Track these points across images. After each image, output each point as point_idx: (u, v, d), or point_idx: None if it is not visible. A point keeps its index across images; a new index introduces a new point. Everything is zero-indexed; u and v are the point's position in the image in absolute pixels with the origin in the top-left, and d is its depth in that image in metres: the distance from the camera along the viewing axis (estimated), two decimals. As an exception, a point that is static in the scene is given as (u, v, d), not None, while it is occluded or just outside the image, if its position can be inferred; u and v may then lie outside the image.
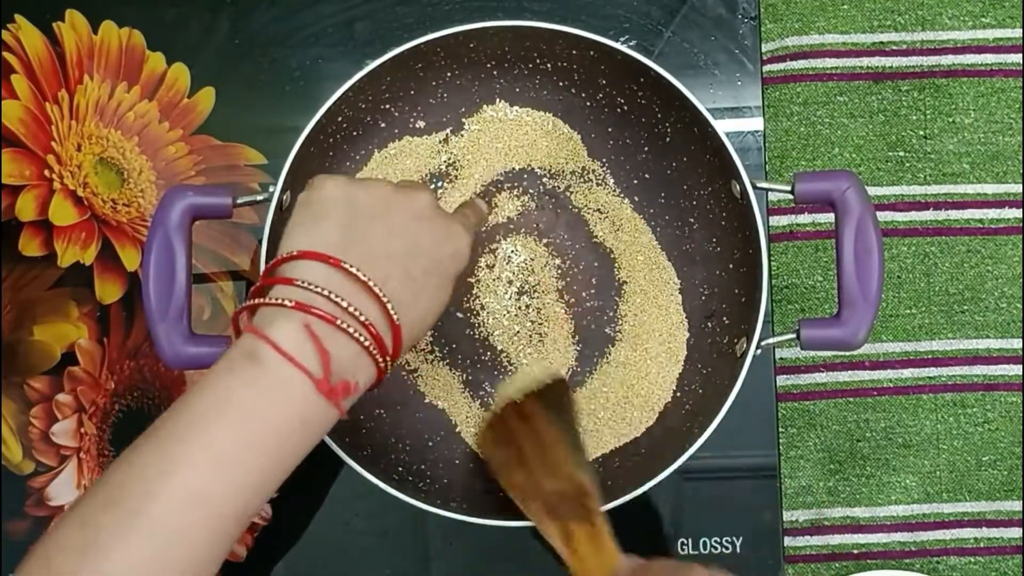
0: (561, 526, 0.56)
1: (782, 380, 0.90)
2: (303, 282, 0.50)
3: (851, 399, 0.93)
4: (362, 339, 0.49)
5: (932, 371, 0.94)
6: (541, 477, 0.59)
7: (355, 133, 0.71)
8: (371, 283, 0.50)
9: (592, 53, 0.68)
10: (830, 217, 0.72)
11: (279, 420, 0.48)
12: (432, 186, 0.73)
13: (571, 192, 0.73)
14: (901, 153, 0.95)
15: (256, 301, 0.50)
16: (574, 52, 0.69)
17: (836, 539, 0.92)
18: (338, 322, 0.49)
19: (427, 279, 0.53)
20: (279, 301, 0.49)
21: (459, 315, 0.72)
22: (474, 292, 0.72)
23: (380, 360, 0.51)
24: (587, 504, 0.57)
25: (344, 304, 0.49)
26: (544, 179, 0.73)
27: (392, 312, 0.51)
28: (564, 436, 0.61)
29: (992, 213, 0.96)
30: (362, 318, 0.50)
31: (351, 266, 0.50)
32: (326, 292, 0.49)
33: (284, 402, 0.48)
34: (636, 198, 0.73)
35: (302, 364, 0.48)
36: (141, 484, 0.45)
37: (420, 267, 0.53)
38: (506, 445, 0.62)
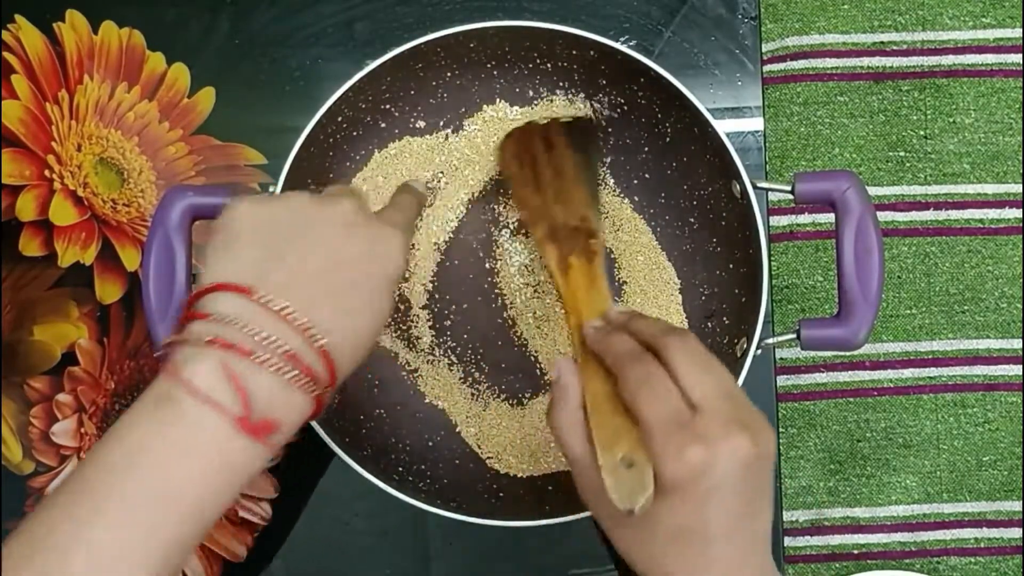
0: (560, 254, 0.56)
1: (782, 380, 0.89)
2: (218, 316, 0.46)
3: (851, 399, 0.93)
4: (286, 371, 0.46)
5: (932, 371, 0.94)
6: (552, 203, 0.59)
7: (355, 133, 0.71)
8: (287, 311, 0.47)
9: (592, 53, 0.68)
10: (830, 217, 0.72)
11: (199, 466, 0.45)
12: (432, 186, 0.73)
13: (571, 192, 0.73)
14: (901, 153, 0.95)
15: (173, 338, 0.47)
16: (574, 52, 0.69)
17: (836, 539, 0.92)
18: (256, 357, 0.46)
19: (356, 292, 0.50)
20: (193, 339, 0.46)
21: (459, 315, 0.72)
22: (475, 293, 0.72)
23: (313, 389, 0.47)
24: (590, 243, 0.57)
25: (262, 336, 0.46)
26: (544, 179, 0.73)
27: (316, 338, 0.47)
28: (582, 173, 0.60)
29: (992, 213, 0.96)
30: (284, 348, 0.46)
31: (263, 296, 0.47)
32: (241, 325, 0.46)
33: (203, 446, 0.45)
34: (636, 198, 0.73)
35: (219, 403, 0.45)
36: (57, 539, 0.43)
37: (346, 281, 0.49)
38: (524, 163, 0.61)
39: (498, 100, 0.73)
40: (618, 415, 0.49)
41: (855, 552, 0.92)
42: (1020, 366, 0.95)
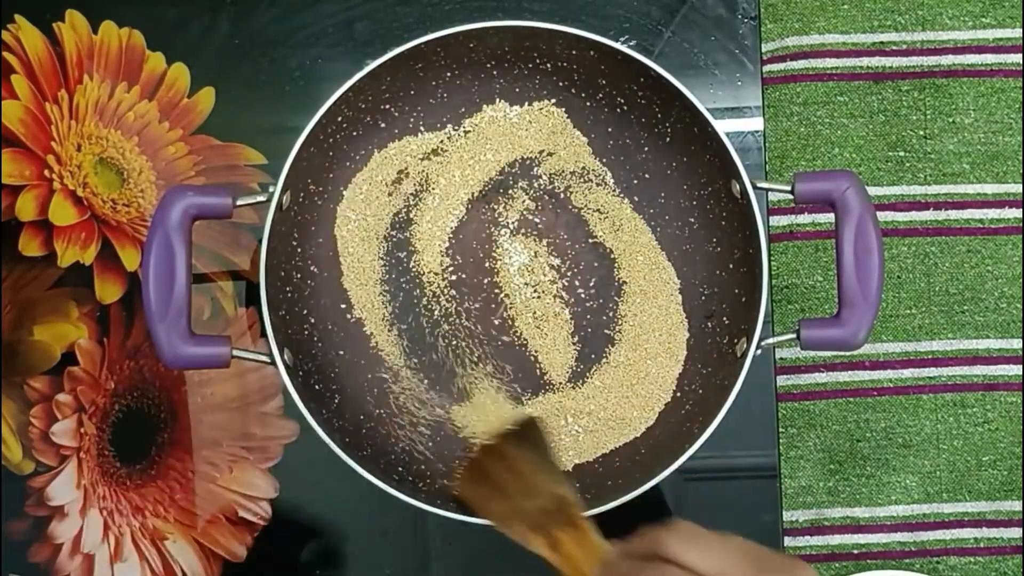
0: (546, 537, 0.57)
1: (782, 380, 0.90)
2: None
3: (851, 399, 0.93)
4: None
5: (932, 371, 0.94)
6: (521, 501, 0.59)
7: (355, 133, 0.71)
8: None
9: (592, 53, 0.68)
10: (830, 217, 0.72)
11: None
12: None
13: (571, 192, 0.73)
14: (901, 153, 0.95)
15: None
16: (574, 52, 0.69)
17: (836, 539, 0.92)
18: None
19: None
20: None
21: (459, 315, 0.72)
22: (475, 294, 0.72)
23: None
24: (570, 511, 0.57)
25: None
26: (544, 179, 0.73)
27: None
28: (540, 463, 0.61)
29: (992, 213, 0.96)
30: None
31: None
32: None
33: None
34: (636, 198, 0.73)
35: None
36: None
37: None
38: (483, 482, 0.62)
39: (498, 100, 0.73)
40: None
41: (855, 552, 0.92)
42: (1020, 366, 0.95)
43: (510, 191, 0.73)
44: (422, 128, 0.73)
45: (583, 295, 0.73)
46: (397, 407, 0.71)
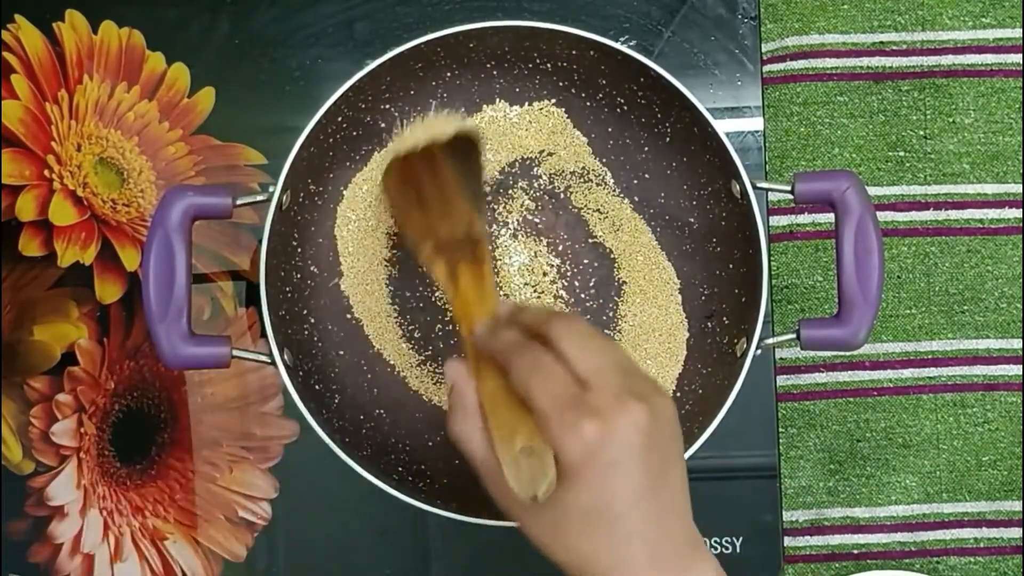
0: (448, 266, 0.57)
1: (782, 380, 0.89)
2: None
3: (851, 399, 0.93)
4: None
5: (932, 371, 0.94)
6: (437, 219, 0.59)
7: (355, 133, 0.71)
8: None
9: (592, 53, 0.68)
10: (830, 217, 0.72)
11: None
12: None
13: (571, 192, 0.73)
14: (901, 153, 0.95)
15: None
16: (574, 52, 0.69)
17: (836, 539, 0.92)
18: None
19: None
20: None
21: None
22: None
23: None
24: (477, 249, 0.57)
25: None
26: (544, 179, 0.73)
27: None
28: (465, 183, 0.61)
29: (992, 213, 0.96)
30: None
31: None
32: None
33: None
34: (636, 198, 0.73)
35: None
36: None
37: None
38: (407, 185, 0.61)
39: (498, 100, 0.73)
40: (515, 409, 0.49)
41: (855, 552, 0.92)
42: (1020, 366, 0.95)
43: (510, 191, 0.73)
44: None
45: (583, 295, 0.73)
46: (397, 407, 0.71)
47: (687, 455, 0.64)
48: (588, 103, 0.72)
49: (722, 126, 0.66)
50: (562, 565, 0.48)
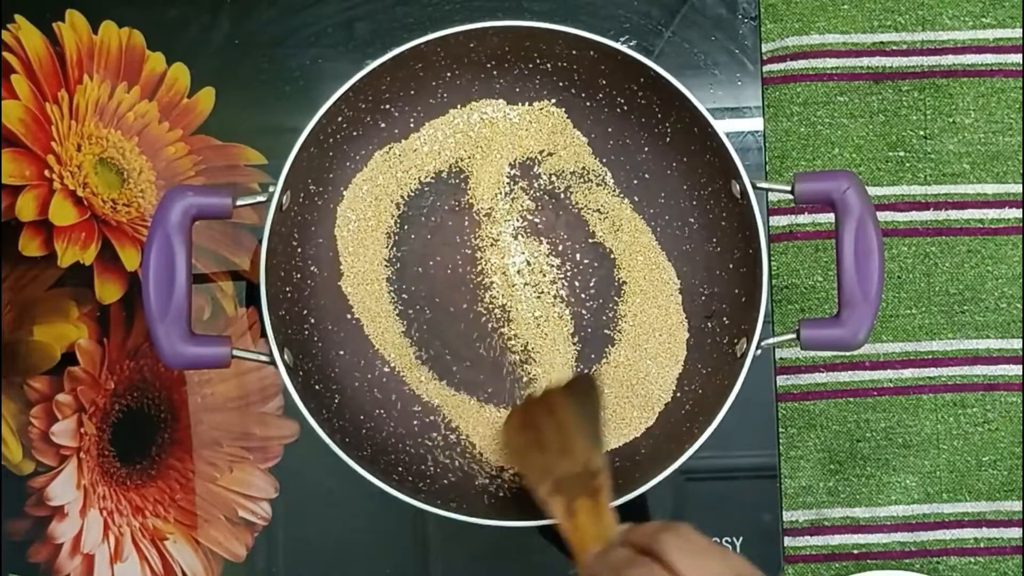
0: (566, 502, 0.57)
1: (782, 380, 0.89)
2: None
3: (851, 399, 0.93)
4: None
5: (932, 371, 0.94)
6: (555, 458, 0.59)
7: (355, 133, 0.71)
8: None
9: (592, 53, 0.68)
10: (830, 217, 0.72)
11: None
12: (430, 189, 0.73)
13: (571, 192, 0.73)
14: (901, 153, 0.95)
15: None
16: (574, 52, 0.69)
17: (836, 539, 0.92)
18: None
19: None
20: None
21: (458, 316, 0.72)
22: (475, 294, 0.72)
23: None
24: (595, 482, 0.58)
25: None
26: (544, 179, 0.73)
27: None
28: (584, 422, 0.61)
29: (992, 213, 0.96)
30: None
31: None
32: None
33: None
34: (636, 198, 0.73)
35: None
36: None
37: None
38: (527, 430, 0.62)
39: (498, 100, 0.73)
40: None
41: (855, 552, 0.92)
42: (1020, 366, 0.95)
43: (510, 191, 0.73)
44: (422, 128, 0.73)
45: (583, 295, 0.73)
46: (397, 407, 0.71)
47: (687, 455, 0.64)
48: (588, 103, 0.72)
49: (722, 126, 0.66)
50: None
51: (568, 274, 0.73)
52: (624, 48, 0.67)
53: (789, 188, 0.66)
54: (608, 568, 0.51)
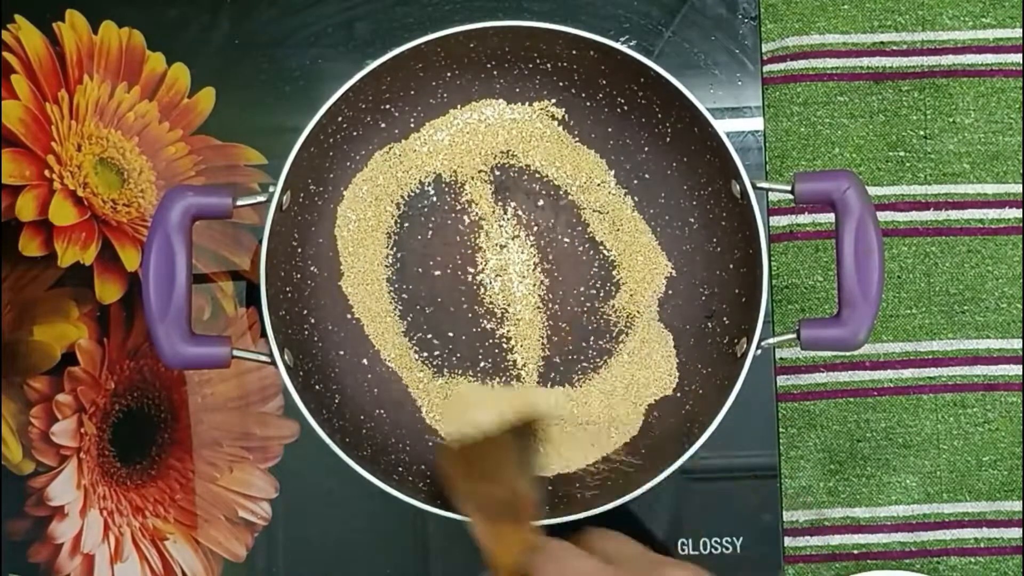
0: (492, 526, 0.57)
1: (782, 380, 0.89)
2: None
3: (851, 399, 0.93)
4: None
5: (932, 371, 0.94)
6: (487, 486, 0.60)
7: (355, 133, 0.71)
8: None
9: (592, 53, 0.68)
10: (830, 217, 0.72)
11: None
12: (430, 186, 0.73)
13: (570, 192, 0.73)
14: (901, 153, 0.95)
15: None
16: (574, 52, 0.69)
17: (836, 539, 0.92)
18: None
19: None
20: None
21: (457, 317, 0.72)
22: (475, 294, 0.72)
23: None
24: (521, 510, 0.58)
25: None
26: (543, 179, 0.73)
27: None
28: (522, 460, 0.61)
29: (992, 213, 0.96)
30: None
31: None
32: None
33: None
34: (636, 198, 0.73)
35: None
36: None
37: None
38: (466, 461, 0.62)
39: (498, 100, 0.73)
40: None
41: (855, 552, 0.92)
42: (1020, 366, 0.95)
43: (509, 191, 0.73)
44: (422, 128, 0.73)
45: (582, 295, 0.73)
46: (397, 407, 0.71)
47: (687, 455, 0.64)
48: (588, 103, 0.72)
49: (722, 126, 0.66)
50: None
51: (568, 274, 0.73)
52: (624, 48, 0.67)
53: (789, 188, 0.66)
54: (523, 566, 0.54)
